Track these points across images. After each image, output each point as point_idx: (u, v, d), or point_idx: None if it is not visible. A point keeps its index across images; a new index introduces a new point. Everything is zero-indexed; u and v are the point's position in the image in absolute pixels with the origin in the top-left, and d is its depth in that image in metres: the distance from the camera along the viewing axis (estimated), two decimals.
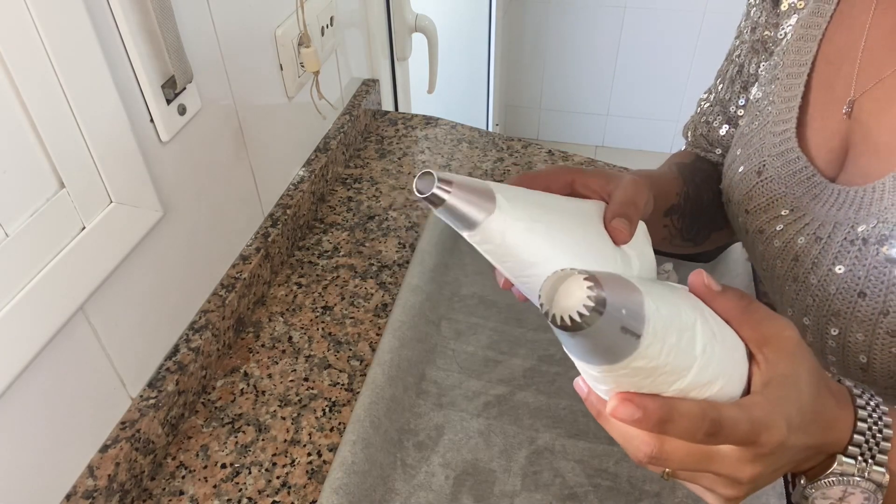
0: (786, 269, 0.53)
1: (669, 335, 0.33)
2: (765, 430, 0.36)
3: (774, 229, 0.54)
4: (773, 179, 0.54)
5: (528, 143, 1.06)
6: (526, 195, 0.42)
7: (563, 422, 0.67)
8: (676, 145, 2.83)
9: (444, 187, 0.37)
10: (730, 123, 0.66)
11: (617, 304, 0.30)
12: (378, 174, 1.01)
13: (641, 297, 0.32)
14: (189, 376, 0.68)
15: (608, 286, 0.30)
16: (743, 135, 0.60)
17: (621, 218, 0.44)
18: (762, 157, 0.56)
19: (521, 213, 0.40)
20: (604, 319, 0.29)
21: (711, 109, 0.68)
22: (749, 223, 0.57)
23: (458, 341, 0.75)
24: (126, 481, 0.60)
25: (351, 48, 1.05)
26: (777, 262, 0.54)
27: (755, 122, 0.58)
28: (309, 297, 0.82)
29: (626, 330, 0.31)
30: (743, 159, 0.58)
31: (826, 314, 0.48)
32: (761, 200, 0.55)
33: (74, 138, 0.51)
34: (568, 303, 0.30)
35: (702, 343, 0.35)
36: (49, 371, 0.53)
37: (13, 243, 0.48)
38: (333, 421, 0.68)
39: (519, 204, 0.40)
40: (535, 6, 2.60)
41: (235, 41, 0.72)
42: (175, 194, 0.65)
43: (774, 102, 0.56)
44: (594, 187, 0.48)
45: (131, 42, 0.55)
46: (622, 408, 0.34)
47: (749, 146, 0.58)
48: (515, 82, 2.82)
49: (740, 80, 0.64)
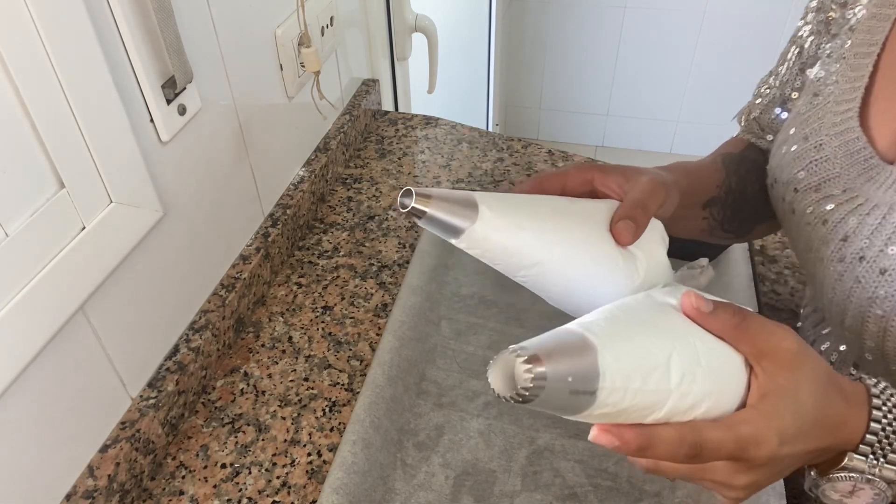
0: (832, 250, 0.51)
1: (632, 381, 0.35)
2: (753, 446, 0.37)
3: (824, 209, 0.52)
4: (828, 159, 0.53)
5: (528, 143, 1.06)
6: (515, 203, 0.43)
7: (563, 422, 0.67)
8: (677, 145, 2.83)
9: (424, 200, 0.40)
10: (783, 106, 0.65)
11: (560, 375, 0.32)
12: (378, 174, 1.01)
13: (594, 358, 0.34)
14: (189, 376, 0.68)
15: (550, 360, 0.32)
16: (799, 114, 0.58)
17: (627, 220, 0.44)
18: (819, 137, 0.54)
19: (503, 221, 0.42)
20: (547, 392, 0.32)
21: (769, 93, 0.67)
22: (797, 202, 0.55)
23: (458, 341, 0.75)
24: (126, 481, 0.60)
25: (351, 48, 1.05)
26: (824, 244, 0.53)
27: (815, 101, 0.56)
28: (309, 297, 0.82)
29: (576, 392, 0.33)
30: (798, 139, 0.56)
31: (872, 296, 0.48)
32: (813, 180, 0.54)
33: (74, 138, 0.51)
34: (511, 383, 0.33)
35: (678, 374, 0.36)
36: (49, 371, 0.53)
37: (13, 243, 0.48)
38: (333, 421, 0.68)
39: (502, 212, 0.42)
40: (535, 6, 2.60)
41: (235, 41, 0.72)
42: (175, 194, 0.65)
43: (838, 82, 0.55)
44: (613, 186, 0.47)
45: (131, 42, 0.55)
46: (602, 437, 0.36)
47: (805, 125, 0.56)
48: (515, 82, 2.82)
49: (799, 62, 0.63)
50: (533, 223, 0.42)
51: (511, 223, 0.42)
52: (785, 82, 0.65)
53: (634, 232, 0.44)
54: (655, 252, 0.46)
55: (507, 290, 0.81)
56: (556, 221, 0.43)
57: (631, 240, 0.44)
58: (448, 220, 0.41)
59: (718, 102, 2.66)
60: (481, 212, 0.41)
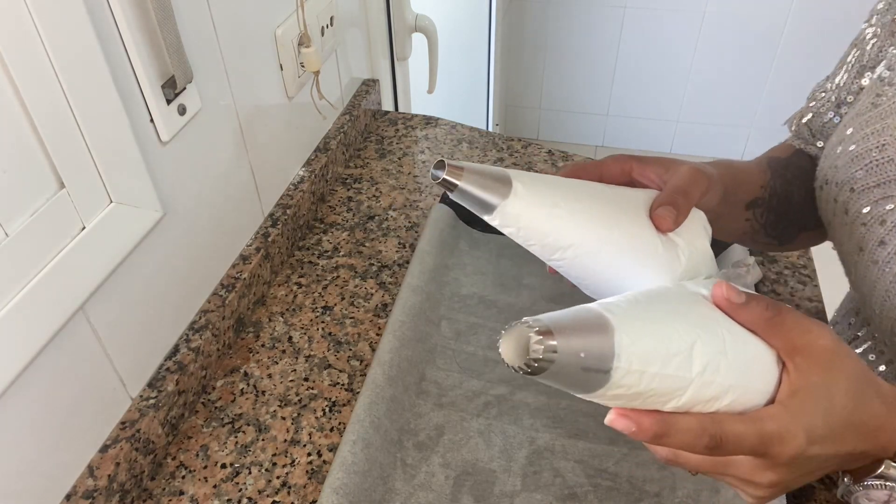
0: (889, 251, 0.50)
1: (651, 365, 0.34)
2: (777, 443, 0.35)
3: (884, 209, 0.51)
4: (891, 160, 0.51)
5: (528, 143, 1.06)
6: (551, 182, 0.42)
7: (563, 422, 0.67)
8: (677, 145, 2.83)
9: (456, 173, 0.40)
10: (836, 111, 0.63)
11: (573, 350, 0.32)
12: (378, 174, 1.01)
13: (610, 337, 0.33)
14: (189, 376, 0.68)
15: (562, 334, 0.32)
16: (859, 114, 0.56)
17: (668, 206, 0.42)
18: (883, 137, 0.52)
19: (538, 198, 0.41)
20: (558, 365, 0.32)
21: (823, 95, 0.65)
22: (852, 203, 0.54)
23: (458, 341, 0.75)
24: (126, 481, 0.60)
25: (351, 48, 1.05)
26: (879, 245, 0.51)
27: (878, 101, 0.55)
28: (309, 297, 0.82)
29: (588, 370, 0.32)
30: (857, 139, 0.55)
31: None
32: (872, 180, 0.52)
33: (74, 138, 0.51)
34: (522, 353, 0.32)
35: (701, 363, 0.35)
36: (49, 371, 0.53)
37: (13, 243, 0.48)
38: (333, 421, 0.68)
39: (538, 189, 0.41)
40: (535, 6, 2.60)
41: (235, 41, 0.72)
42: (175, 194, 0.65)
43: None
44: (652, 176, 0.46)
45: (131, 42, 0.55)
46: (619, 421, 0.35)
47: (867, 125, 0.54)
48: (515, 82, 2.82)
49: (859, 65, 0.61)
50: (568, 203, 0.41)
51: (546, 201, 0.41)
52: (842, 86, 0.63)
53: (675, 218, 0.42)
54: (698, 241, 0.44)
55: (507, 290, 0.81)
56: (592, 203, 0.42)
57: (671, 226, 0.42)
58: (480, 194, 0.40)
59: (718, 102, 2.66)
60: (515, 188, 0.40)
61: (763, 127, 2.67)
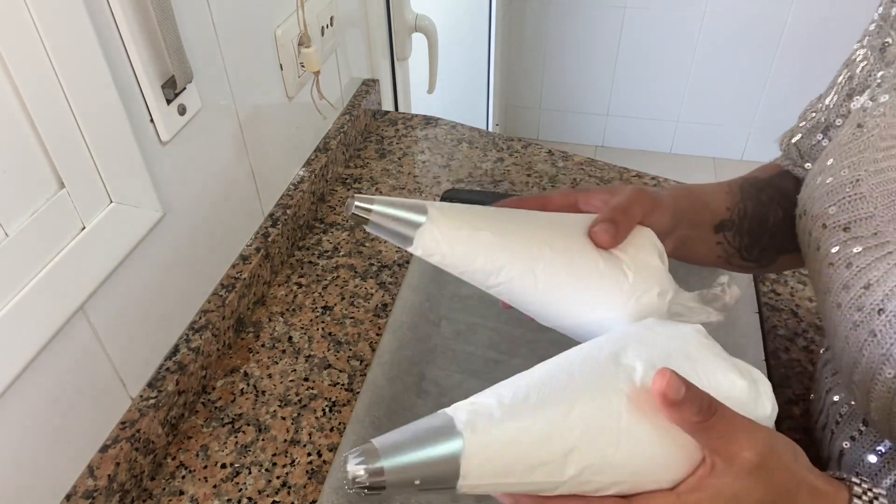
0: (852, 296, 0.48)
1: (509, 477, 0.34)
2: None
3: (851, 251, 0.49)
4: (863, 198, 0.49)
5: (528, 143, 1.06)
6: (473, 209, 0.42)
7: None
8: (677, 145, 2.83)
9: (365, 205, 0.40)
10: (825, 133, 0.61)
11: (404, 479, 0.32)
12: (378, 174, 1.01)
13: (454, 463, 0.32)
14: (189, 376, 0.68)
15: (392, 460, 0.32)
16: (840, 144, 0.54)
17: (606, 222, 0.42)
18: (858, 172, 0.50)
19: (456, 222, 0.40)
20: (391, 487, 0.32)
21: (816, 118, 0.63)
22: (823, 240, 0.52)
23: (458, 341, 0.75)
24: (126, 481, 0.60)
25: (351, 48, 1.05)
26: (844, 289, 0.49)
27: (858, 132, 0.53)
28: (309, 297, 0.82)
29: (428, 490, 0.33)
30: (834, 171, 0.53)
31: (885, 353, 0.45)
32: (843, 218, 0.50)
33: (74, 138, 0.51)
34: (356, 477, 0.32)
35: (577, 468, 0.34)
36: (49, 371, 0.53)
37: (13, 243, 0.48)
38: (333, 421, 0.68)
39: (456, 215, 0.40)
40: (535, 6, 2.60)
41: (235, 41, 0.72)
42: (175, 194, 0.65)
43: (885, 115, 0.51)
44: (597, 203, 0.46)
45: (131, 42, 0.55)
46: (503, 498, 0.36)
47: (844, 157, 0.52)
48: (515, 82, 2.82)
49: (848, 87, 0.59)
50: (493, 225, 0.41)
51: (465, 224, 0.40)
52: (831, 108, 0.61)
53: (614, 234, 0.42)
54: (644, 256, 0.44)
55: None
56: (521, 225, 0.42)
57: (610, 241, 0.42)
58: (395, 226, 0.40)
59: (718, 102, 2.66)
60: (430, 214, 0.40)
61: (763, 127, 2.67)
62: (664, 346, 0.39)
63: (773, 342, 0.73)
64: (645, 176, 0.97)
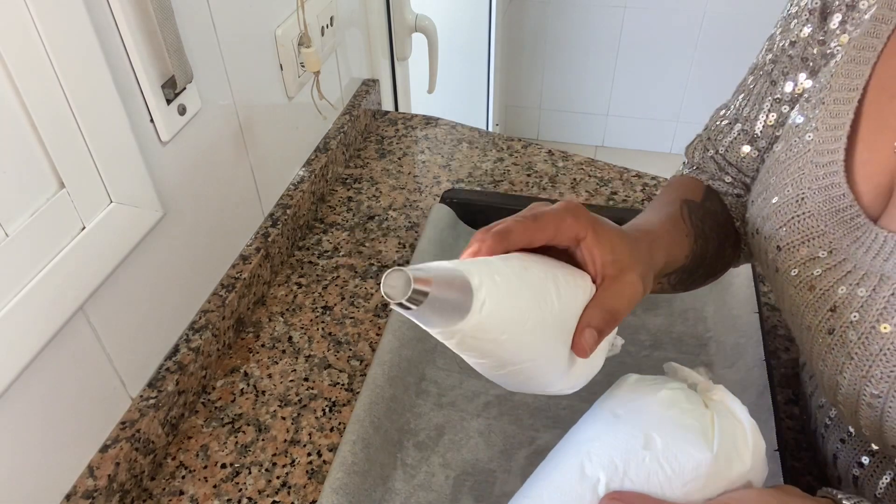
0: (820, 319, 0.47)
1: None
2: None
3: (811, 273, 0.48)
4: (811, 215, 0.49)
5: (528, 143, 1.06)
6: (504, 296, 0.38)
7: (563, 422, 0.67)
8: (676, 145, 2.83)
9: (422, 288, 0.33)
10: (752, 144, 0.60)
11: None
12: (378, 174, 1.01)
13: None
14: (189, 376, 0.68)
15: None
16: (779, 161, 0.53)
17: (593, 332, 0.42)
18: (801, 189, 0.50)
19: (492, 321, 0.37)
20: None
21: (729, 128, 0.62)
22: (781, 262, 0.51)
23: None
24: (126, 481, 0.60)
25: (351, 48, 1.05)
26: (810, 312, 0.49)
27: (794, 149, 0.52)
28: (309, 297, 0.82)
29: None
30: (778, 189, 0.52)
31: (866, 375, 0.44)
32: (796, 238, 0.50)
33: (74, 138, 0.51)
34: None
35: None
36: (49, 371, 0.53)
37: (13, 243, 0.48)
38: (333, 421, 0.68)
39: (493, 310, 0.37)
40: (535, 6, 2.60)
41: (235, 41, 0.72)
42: (175, 194, 0.65)
43: (818, 129, 0.50)
44: (597, 260, 0.44)
45: (131, 42, 0.55)
46: None
47: (785, 175, 0.52)
48: (515, 82, 2.82)
49: (770, 98, 0.58)
50: (514, 328, 0.39)
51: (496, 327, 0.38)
52: (753, 117, 0.60)
53: (596, 343, 0.42)
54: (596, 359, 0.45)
55: None
56: (535, 324, 0.40)
57: (587, 355, 0.42)
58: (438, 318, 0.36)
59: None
60: (474, 308, 0.36)
61: None
62: (625, 441, 0.42)
63: (773, 342, 0.73)
64: (645, 176, 0.97)
